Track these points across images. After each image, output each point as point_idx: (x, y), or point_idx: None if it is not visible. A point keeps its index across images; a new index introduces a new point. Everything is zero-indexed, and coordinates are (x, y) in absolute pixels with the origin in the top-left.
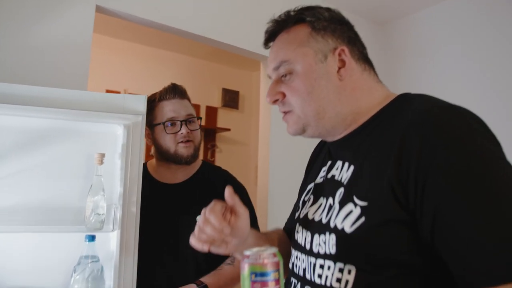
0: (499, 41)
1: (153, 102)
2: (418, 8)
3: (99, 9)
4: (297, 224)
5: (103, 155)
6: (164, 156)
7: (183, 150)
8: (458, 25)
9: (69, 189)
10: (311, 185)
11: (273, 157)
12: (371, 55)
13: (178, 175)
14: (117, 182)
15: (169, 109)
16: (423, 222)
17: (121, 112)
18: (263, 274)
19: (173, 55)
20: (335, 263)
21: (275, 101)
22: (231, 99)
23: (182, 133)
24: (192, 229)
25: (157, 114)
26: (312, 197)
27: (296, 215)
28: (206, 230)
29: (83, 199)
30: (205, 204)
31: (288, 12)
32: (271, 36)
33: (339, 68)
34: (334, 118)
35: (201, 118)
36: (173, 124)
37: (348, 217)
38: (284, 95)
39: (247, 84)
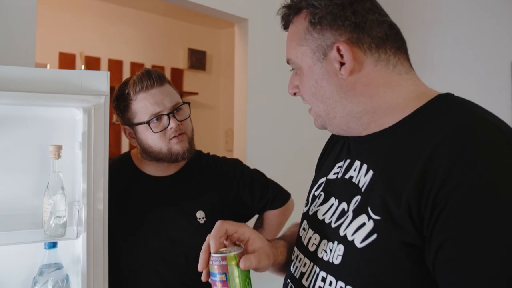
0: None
1: (127, 96)
2: None
3: None
4: (304, 221)
5: (59, 148)
6: (155, 157)
7: (177, 146)
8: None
9: (20, 188)
10: (322, 180)
11: (251, 122)
12: None
13: (170, 168)
14: (79, 176)
15: (150, 102)
16: (430, 251)
17: (78, 92)
18: (212, 275)
19: (133, 12)
20: (336, 281)
21: (295, 93)
22: (197, 60)
23: (172, 128)
24: (186, 228)
25: (137, 110)
26: (322, 194)
27: (304, 209)
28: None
29: (38, 199)
30: (202, 197)
31: None
32: (285, 27)
33: (341, 65)
34: (346, 117)
35: (189, 103)
36: (158, 119)
37: (360, 230)
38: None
39: (215, 43)
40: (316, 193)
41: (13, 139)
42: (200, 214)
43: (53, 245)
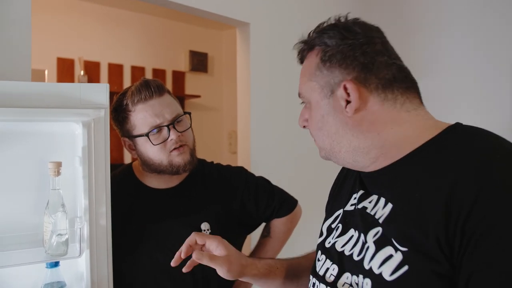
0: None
1: (125, 107)
2: None
3: None
4: (319, 252)
5: (59, 165)
6: (156, 170)
7: (178, 158)
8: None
9: (19, 206)
10: (339, 212)
11: (254, 123)
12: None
13: (172, 179)
14: (80, 192)
15: (150, 114)
16: (460, 280)
17: (77, 106)
18: None
19: (132, 15)
20: None
21: (304, 126)
22: (199, 62)
23: (172, 139)
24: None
25: (136, 122)
26: (340, 226)
27: (319, 240)
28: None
29: (38, 217)
30: (206, 208)
31: (309, 33)
32: (301, 59)
33: (347, 103)
34: (352, 152)
35: (190, 113)
36: (158, 131)
37: (387, 262)
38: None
39: (216, 45)
40: (333, 226)
41: (11, 156)
42: (205, 226)
43: (55, 264)
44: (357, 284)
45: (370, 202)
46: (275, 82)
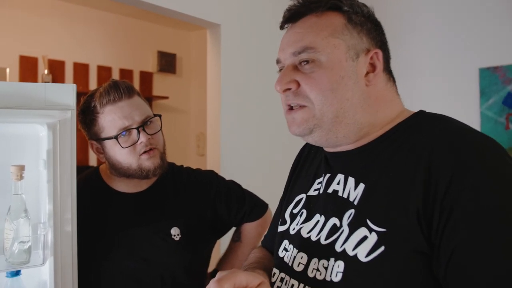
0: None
1: (93, 109)
2: None
3: None
4: (285, 240)
5: (22, 168)
6: (125, 173)
7: (148, 162)
8: None
9: None
10: (301, 196)
11: (225, 125)
12: None
13: (141, 183)
14: (44, 197)
15: (118, 116)
16: (440, 257)
17: (42, 107)
18: None
19: (99, 14)
20: None
21: (286, 90)
22: (167, 63)
23: (142, 142)
24: (161, 247)
25: (104, 124)
26: (305, 211)
27: (282, 228)
28: None
29: None
30: (176, 212)
31: None
32: (294, 16)
33: (367, 73)
34: (350, 125)
35: (160, 116)
36: (127, 133)
37: (362, 244)
38: (298, 85)
39: (185, 46)
40: (295, 211)
41: None
42: (175, 231)
43: (16, 272)
44: (325, 268)
45: (338, 184)
46: (246, 84)
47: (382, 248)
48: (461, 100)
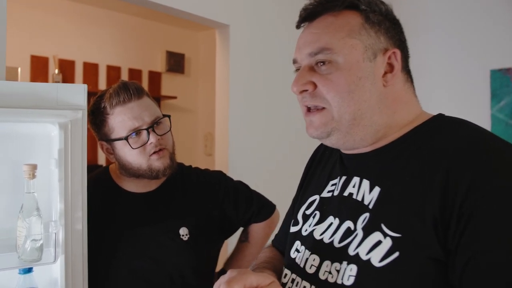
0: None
1: (103, 110)
2: None
3: None
4: (297, 241)
5: (34, 167)
6: (135, 174)
7: (158, 163)
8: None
9: None
10: (314, 198)
11: (233, 125)
12: None
13: (151, 184)
14: (55, 195)
15: (128, 117)
16: (456, 263)
17: (54, 107)
18: None
19: (109, 14)
20: None
21: (302, 91)
22: (176, 62)
23: (151, 143)
24: (169, 246)
25: (114, 125)
26: (318, 213)
27: (294, 229)
28: None
29: (11, 222)
30: (185, 212)
31: None
32: (310, 16)
33: (385, 73)
34: (368, 127)
35: (169, 116)
36: (137, 134)
37: (376, 249)
38: (315, 87)
39: (193, 46)
40: (308, 212)
41: None
42: (183, 231)
43: (28, 270)
44: (337, 271)
45: (353, 187)
46: (255, 84)
47: (396, 254)
48: (472, 102)
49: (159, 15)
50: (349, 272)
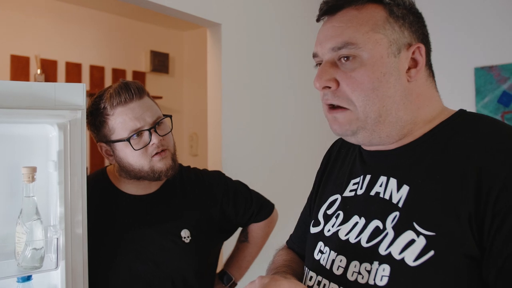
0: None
1: (103, 111)
2: None
3: None
4: (319, 242)
5: (33, 170)
6: (136, 176)
7: (160, 164)
8: None
9: None
10: (335, 197)
11: (226, 126)
12: None
13: (151, 186)
14: (53, 199)
15: (130, 118)
16: (491, 261)
17: (52, 107)
18: None
19: (91, 12)
20: None
21: (324, 88)
22: (160, 62)
23: (154, 144)
24: (171, 249)
25: (114, 126)
26: (341, 213)
27: (315, 230)
28: None
29: (8, 227)
30: (186, 214)
31: None
32: (331, 9)
33: (409, 68)
34: (393, 124)
35: (171, 116)
36: (139, 135)
37: (409, 248)
38: (338, 85)
39: (177, 45)
40: (330, 212)
41: None
42: (185, 233)
43: (28, 277)
44: (368, 271)
45: (381, 186)
46: (247, 83)
47: (431, 253)
48: (457, 98)
49: (143, 14)
50: (382, 273)
